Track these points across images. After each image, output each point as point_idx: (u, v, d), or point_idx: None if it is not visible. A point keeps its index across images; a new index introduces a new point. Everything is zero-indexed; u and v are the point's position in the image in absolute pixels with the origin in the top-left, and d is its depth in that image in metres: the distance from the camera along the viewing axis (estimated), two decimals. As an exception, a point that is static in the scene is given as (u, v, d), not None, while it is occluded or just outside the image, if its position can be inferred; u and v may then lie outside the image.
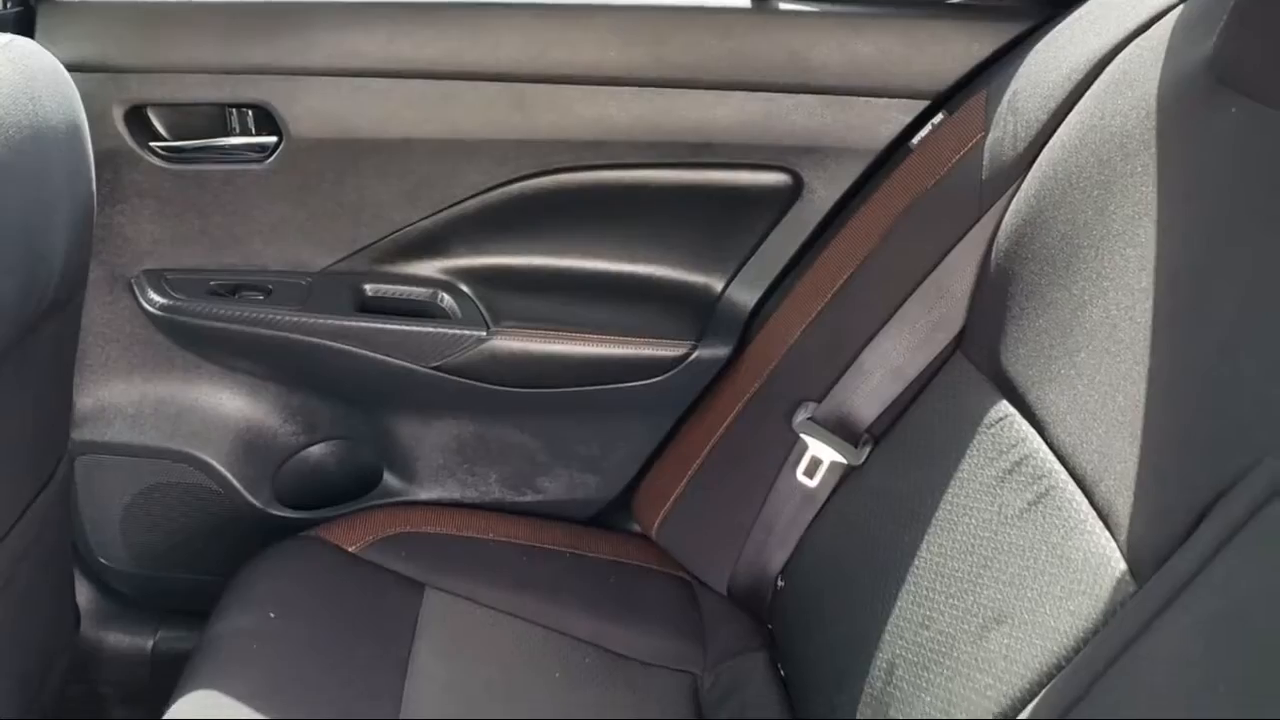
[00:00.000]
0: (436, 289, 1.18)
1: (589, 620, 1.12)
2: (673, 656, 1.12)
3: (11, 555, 0.97)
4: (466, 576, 1.12)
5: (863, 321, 1.05)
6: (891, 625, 0.90)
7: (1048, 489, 0.81)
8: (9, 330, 0.84)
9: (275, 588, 1.03)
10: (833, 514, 1.06)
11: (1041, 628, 0.75)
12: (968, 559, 0.86)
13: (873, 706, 0.87)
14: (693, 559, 1.20)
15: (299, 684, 0.93)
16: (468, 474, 1.26)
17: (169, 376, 1.20)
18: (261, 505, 1.23)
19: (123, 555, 1.27)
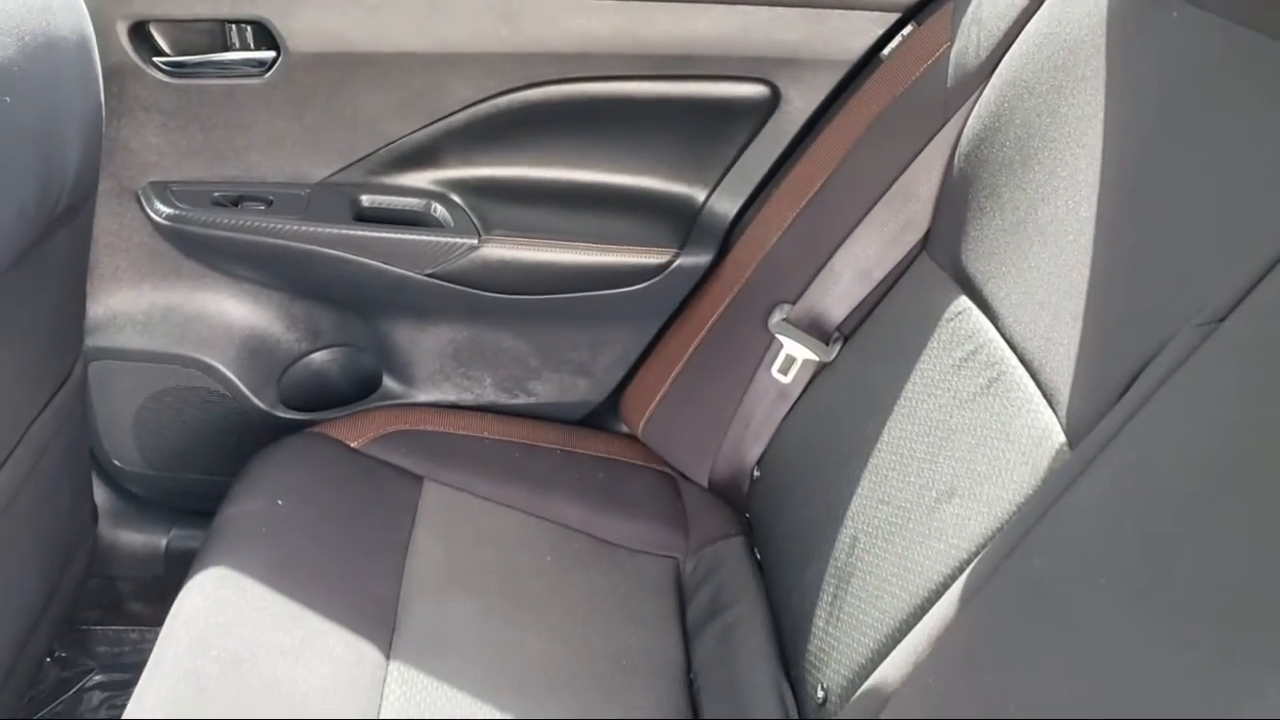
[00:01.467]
0: (429, 199, 1.23)
1: (579, 511, 1.19)
2: (657, 543, 1.20)
3: (34, 448, 1.04)
4: (463, 470, 1.19)
5: (835, 226, 1.11)
6: (855, 504, 0.97)
7: (999, 374, 0.88)
8: (28, 231, 0.90)
9: (283, 477, 1.10)
10: (805, 408, 1.13)
11: (988, 498, 0.82)
12: (924, 441, 0.92)
13: (837, 577, 0.95)
14: (676, 454, 1.27)
15: (307, 562, 1.00)
16: (463, 378, 1.32)
17: (176, 285, 1.26)
18: (267, 408, 1.30)
19: (136, 457, 1.34)
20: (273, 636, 0.92)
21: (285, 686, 0.88)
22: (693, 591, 1.15)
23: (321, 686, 0.89)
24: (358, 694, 0.90)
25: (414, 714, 0.90)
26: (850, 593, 0.92)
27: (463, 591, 1.05)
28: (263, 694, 0.87)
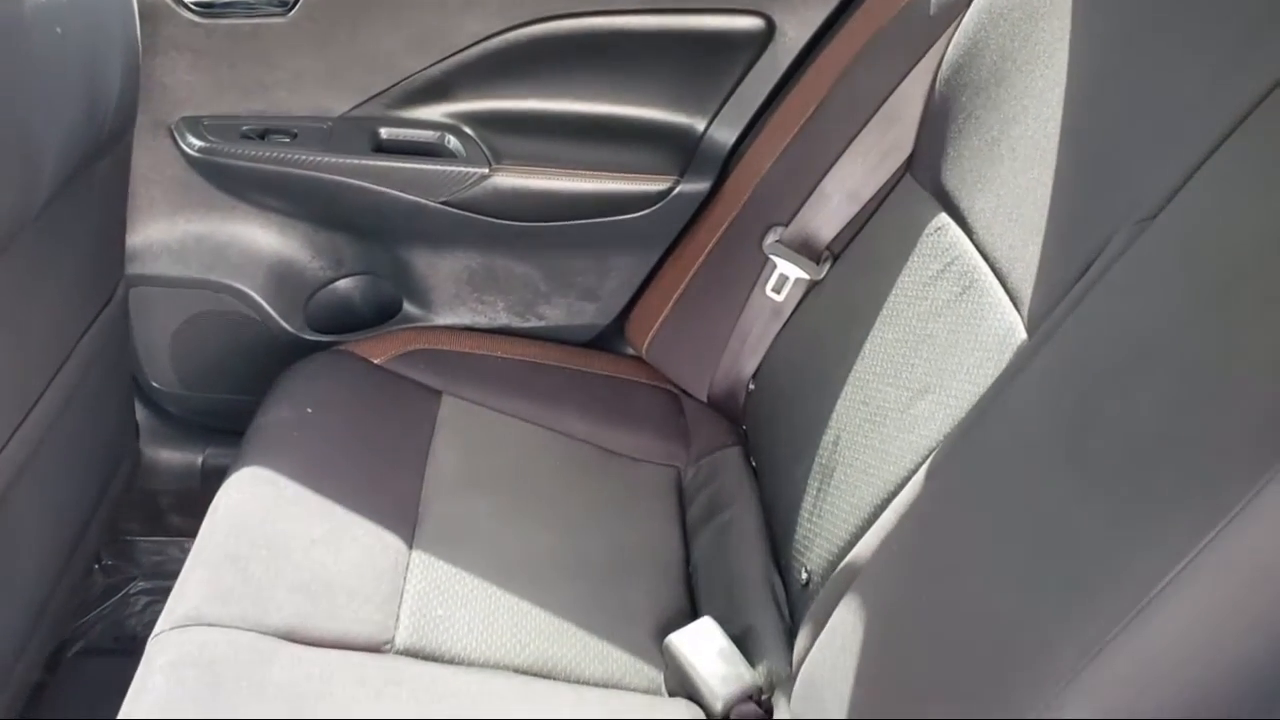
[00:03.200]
0: (443, 131, 1.30)
1: (586, 424, 1.28)
2: (659, 453, 1.28)
3: (81, 363, 1.13)
4: (478, 386, 1.27)
5: (825, 150, 1.17)
6: (839, 407, 1.04)
7: (971, 282, 0.95)
8: (75, 154, 0.98)
9: (312, 389, 1.19)
10: (797, 324, 1.20)
11: (956, 393, 0.89)
12: (902, 346, 1.00)
13: (821, 473, 1.03)
14: (678, 372, 1.35)
15: (335, 463, 1.09)
16: (478, 302, 1.40)
17: (208, 215, 1.34)
18: (295, 331, 1.38)
19: (173, 379, 1.43)
20: (305, 527, 1.01)
21: (317, 569, 0.97)
22: (692, 496, 1.24)
23: (350, 570, 0.98)
24: (383, 578, 0.99)
25: (434, 596, 0.99)
26: (832, 486, 1.00)
27: (478, 492, 1.13)
28: (296, 575, 0.96)
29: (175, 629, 0.89)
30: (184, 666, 0.85)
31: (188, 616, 0.90)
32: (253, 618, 0.91)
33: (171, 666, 0.85)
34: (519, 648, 0.97)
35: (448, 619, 0.97)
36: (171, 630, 0.89)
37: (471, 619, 0.98)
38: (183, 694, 0.83)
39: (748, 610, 1.04)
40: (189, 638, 0.88)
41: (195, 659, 0.86)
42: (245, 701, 0.83)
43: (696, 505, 1.22)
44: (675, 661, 0.98)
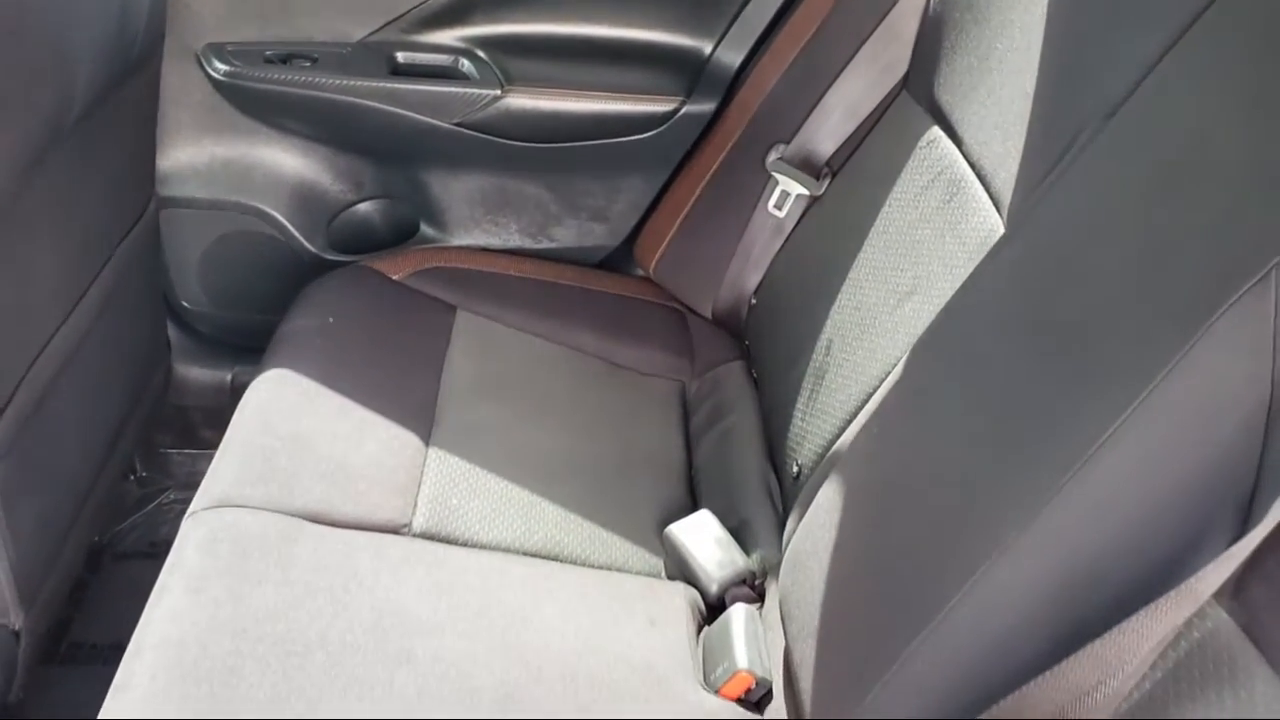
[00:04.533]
0: (457, 55, 1.35)
1: (595, 339, 1.33)
2: (665, 368, 1.33)
3: (117, 272, 1.19)
4: (492, 303, 1.33)
5: (826, 68, 1.21)
6: (833, 314, 1.09)
7: (958, 189, 0.99)
8: (107, 70, 1.03)
9: (333, 301, 1.25)
10: (797, 239, 1.25)
11: (939, 293, 0.94)
12: (893, 252, 1.04)
13: (814, 376, 1.08)
14: (684, 290, 1.40)
15: (355, 368, 1.15)
16: (491, 224, 1.45)
17: (234, 139, 1.39)
18: (317, 251, 1.44)
19: (202, 298, 1.49)
20: (328, 423, 1.07)
21: (339, 460, 1.03)
22: (695, 407, 1.29)
23: (370, 462, 1.04)
24: (401, 470, 1.05)
25: (449, 487, 1.05)
26: (824, 387, 1.05)
27: (492, 398, 1.19)
28: (319, 465, 1.02)
29: (208, 509, 0.96)
30: (216, 542, 0.92)
31: (220, 498, 0.97)
32: (279, 500, 0.97)
33: (205, 542, 0.92)
34: (527, 534, 1.03)
35: (462, 508, 1.04)
36: (205, 510, 0.96)
37: (484, 508, 1.04)
38: (214, 565, 0.89)
39: (744, 505, 1.10)
40: (221, 517, 0.95)
41: (226, 535, 0.92)
42: (272, 573, 0.90)
43: (699, 415, 1.27)
44: (674, 549, 1.04)
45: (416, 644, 0.87)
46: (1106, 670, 0.57)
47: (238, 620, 0.85)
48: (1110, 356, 0.64)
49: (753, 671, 0.91)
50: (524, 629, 0.91)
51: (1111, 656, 0.57)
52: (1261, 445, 0.56)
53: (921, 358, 0.85)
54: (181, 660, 0.81)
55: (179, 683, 0.80)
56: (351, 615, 0.88)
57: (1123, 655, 0.56)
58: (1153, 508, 0.59)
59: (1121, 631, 0.56)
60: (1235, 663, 0.54)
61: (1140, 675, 0.57)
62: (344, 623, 0.87)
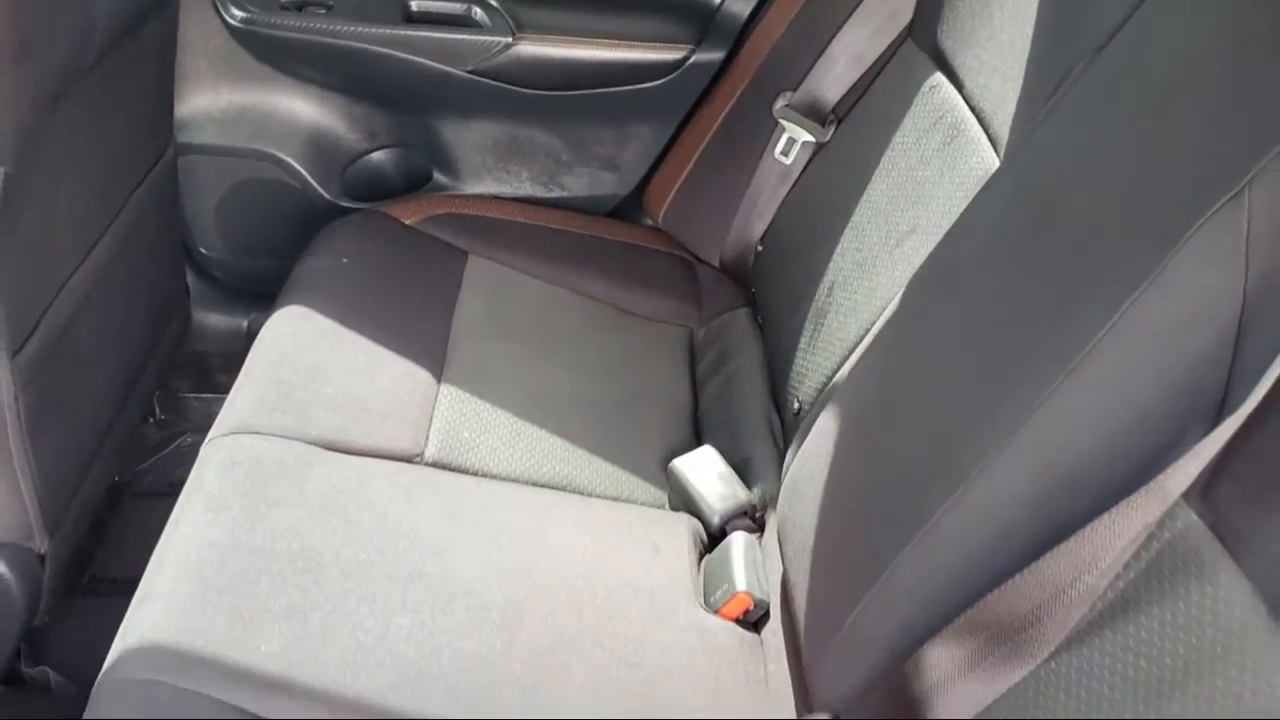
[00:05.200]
0: (469, 3, 1.37)
1: (604, 286, 1.36)
2: (673, 314, 1.36)
3: (137, 211, 1.22)
4: (503, 248, 1.35)
5: (833, 15, 1.23)
6: (835, 257, 1.11)
7: (958, 131, 1.01)
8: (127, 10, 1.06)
9: (347, 244, 1.28)
10: (803, 185, 1.27)
11: (939, 231, 0.96)
12: (894, 194, 1.07)
13: (816, 316, 1.10)
14: (692, 238, 1.42)
15: (369, 307, 1.18)
16: (503, 171, 1.48)
17: (250, 86, 1.42)
18: (332, 198, 1.47)
19: (219, 245, 1.52)
20: (343, 358, 1.10)
21: (353, 393, 1.06)
22: (702, 353, 1.32)
23: (384, 396, 1.07)
24: (414, 404, 1.08)
25: (461, 421, 1.08)
26: (825, 325, 1.07)
27: (502, 339, 1.22)
28: (334, 397, 1.05)
29: (226, 436, 0.99)
30: (233, 466, 0.95)
31: (237, 426, 1.00)
32: (295, 429, 1.00)
33: (223, 466, 0.95)
34: (536, 466, 1.06)
35: (473, 440, 1.07)
36: (223, 437, 0.99)
37: (494, 441, 1.07)
38: (232, 487, 0.93)
39: (746, 443, 1.13)
40: (238, 443, 0.98)
41: (243, 459, 0.96)
42: (288, 495, 0.93)
43: (705, 360, 1.30)
44: (678, 482, 1.07)
45: (428, 563, 0.91)
46: (1081, 566, 0.60)
47: (255, 538, 0.88)
48: (1091, 276, 0.66)
49: (751, 593, 0.94)
50: (532, 552, 0.95)
51: (1086, 553, 0.59)
52: (1233, 353, 0.58)
53: (917, 289, 0.87)
54: (202, 574, 0.85)
55: (199, 594, 0.83)
56: (365, 536, 0.91)
57: (1096, 552, 0.59)
58: (1128, 418, 0.62)
59: (1095, 529, 0.59)
60: (1202, 559, 0.56)
61: (1114, 574, 0.60)
62: (357, 542, 0.90)
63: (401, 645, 0.83)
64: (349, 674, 0.80)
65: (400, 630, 0.84)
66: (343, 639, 0.83)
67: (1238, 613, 0.54)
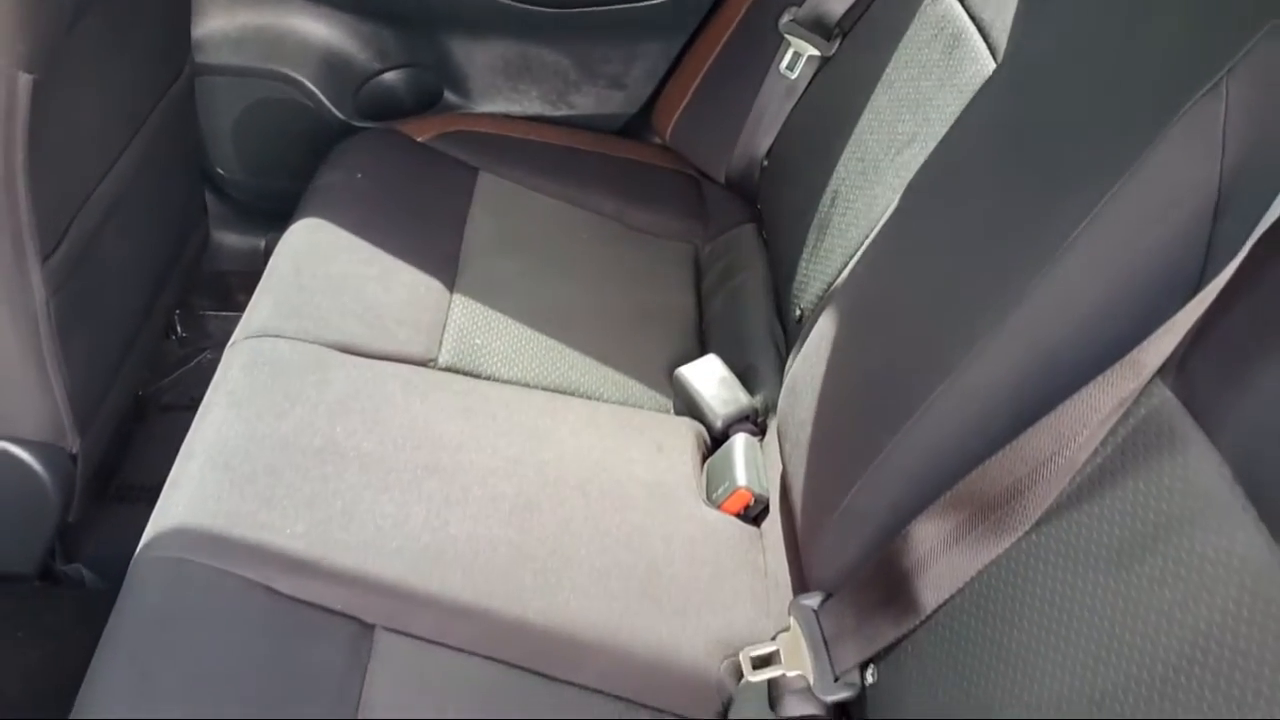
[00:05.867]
0: (480, -79, 1.39)
1: (612, 203, 1.38)
2: (679, 231, 1.39)
3: (157, 127, 1.25)
4: (512, 165, 1.38)
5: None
6: (838, 168, 1.14)
7: (959, 41, 1.03)
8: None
9: (361, 160, 1.30)
10: (808, 99, 1.29)
11: (938, 138, 0.98)
12: (895, 105, 1.09)
13: (819, 226, 1.13)
14: (699, 155, 1.44)
15: (383, 220, 1.21)
16: (512, 90, 1.50)
17: (265, 7, 1.43)
18: (345, 118, 1.49)
19: (236, 165, 1.55)
20: (359, 268, 1.14)
21: (369, 301, 1.10)
22: (707, 268, 1.35)
23: (399, 304, 1.11)
24: (427, 312, 1.12)
25: (473, 329, 1.12)
26: (828, 234, 1.10)
27: (512, 253, 1.25)
28: (352, 304, 1.09)
29: (249, 339, 1.03)
30: (257, 366, 0.99)
31: (259, 329, 1.04)
32: (314, 333, 1.04)
33: (247, 366, 0.99)
34: (545, 372, 1.10)
35: (485, 347, 1.11)
36: (246, 340, 1.03)
37: (505, 348, 1.11)
38: (256, 385, 0.97)
39: (750, 352, 1.17)
40: (260, 345, 1.02)
41: (266, 360, 1.00)
42: (309, 393, 0.97)
43: (711, 275, 1.33)
44: (682, 388, 1.11)
45: (443, 457, 0.95)
46: (1060, 441, 0.63)
47: (278, 432, 0.93)
48: (1076, 169, 0.69)
49: (751, 488, 0.98)
50: (541, 448, 0.99)
51: (1065, 428, 0.63)
52: (1208, 237, 0.61)
53: (914, 192, 0.90)
54: (229, 464, 0.89)
55: (227, 482, 0.88)
56: (383, 432, 0.95)
57: (1075, 426, 0.62)
58: (1109, 301, 0.65)
59: (1073, 403, 0.62)
60: (1175, 432, 0.60)
61: (1092, 449, 0.63)
62: (376, 438, 0.95)
63: (419, 530, 0.88)
64: (370, 556, 0.85)
65: (417, 517, 0.89)
66: (363, 524, 0.87)
67: (1205, 480, 0.57)
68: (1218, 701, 0.52)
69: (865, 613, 0.76)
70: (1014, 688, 0.63)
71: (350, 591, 0.83)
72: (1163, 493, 0.59)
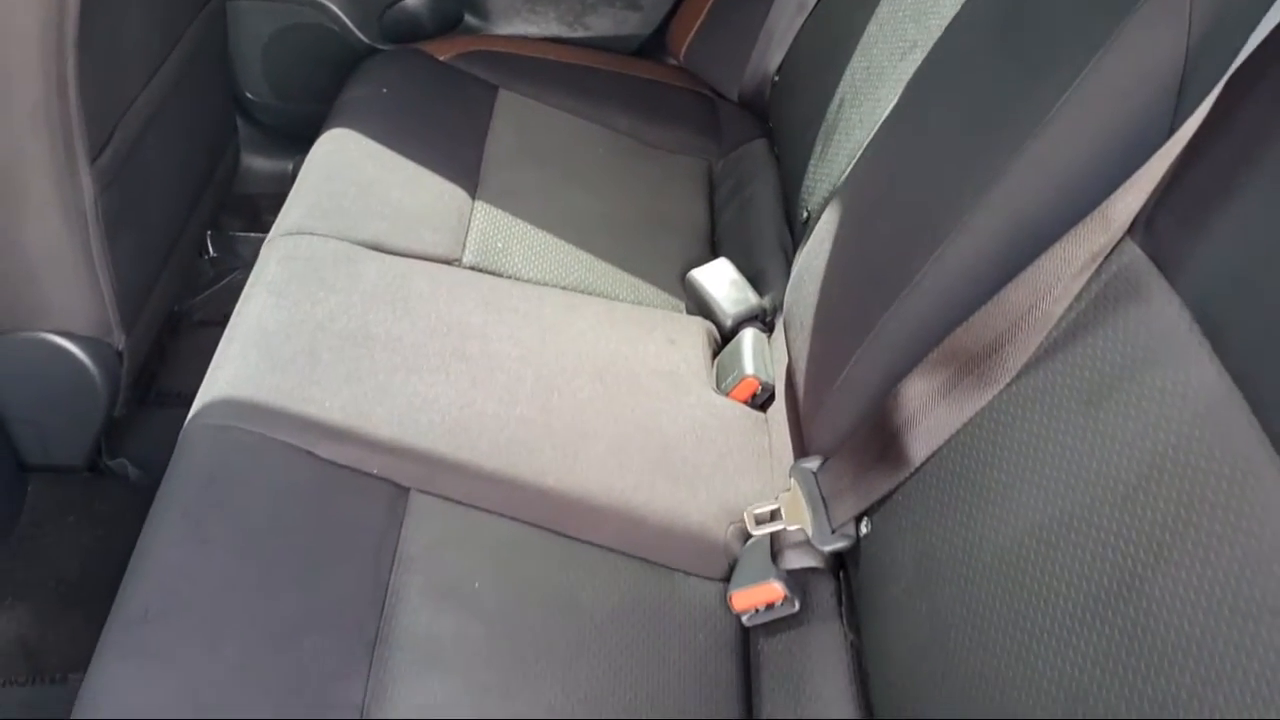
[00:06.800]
0: None
1: (628, 119, 1.43)
2: (693, 147, 1.44)
3: (189, 50, 1.31)
4: (531, 83, 1.43)
5: None
6: (845, 76, 1.18)
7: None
8: None
9: (385, 76, 1.36)
10: (817, 14, 1.34)
11: (937, 40, 1.03)
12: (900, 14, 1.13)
13: (826, 131, 1.18)
14: (712, 72, 1.49)
15: (407, 131, 1.26)
16: (530, 13, 1.54)
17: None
18: (370, 41, 1.55)
19: (264, 89, 1.61)
20: (386, 175, 1.19)
21: (396, 204, 1.16)
22: (720, 182, 1.40)
23: (424, 208, 1.17)
24: (451, 216, 1.17)
25: (494, 233, 1.17)
26: (834, 138, 1.15)
27: (531, 165, 1.30)
28: (380, 207, 1.15)
29: (284, 236, 1.09)
30: (292, 259, 1.05)
31: (294, 227, 1.10)
32: (345, 231, 1.10)
33: (283, 260, 1.06)
34: (564, 274, 1.16)
35: (506, 250, 1.16)
36: (281, 237, 1.09)
37: (525, 251, 1.17)
38: (292, 276, 1.03)
39: (760, 257, 1.22)
40: (296, 241, 1.08)
41: (301, 254, 1.06)
42: (342, 284, 1.03)
43: (723, 189, 1.38)
44: (694, 290, 1.17)
45: (469, 344, 1.01)
46: (1037, 294, 0.69)
47: (314, 319, 0.99)
48: (1054, 50, 0.74)
49: (758, 376, 1.04)
50: (560, 339, 1.05)
51: (1040, 281, 0.68)
52: (1175, 105, 0.66)
53: (911, 89, 0.95)
54: (269, 345, 0.96)
55: (268, 360, 0.94)
56: (412, 320, 1.02)
57: (1050, 280, 0.68)
58: (1085, 170, 0.70)
59: (1048, 257, 0.68)
60: (1141, 284, 0.65)
61: (1067, 304, 0.69)
62: (406, 325, 1.01)
63: (448, 407, 0.94)
64: (403, 428, 0.92)
65: (446, 396, 0.95)
66: (396, 401, 0.94)
67: (1166, 323, 0.63)
68: (1170, 510, 0.58)
69: (861, 470, 0.82)
70: (994, 522, 0.69)
71: (386, 458, 0.90)
72: (1128, 338, 0.65)
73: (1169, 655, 0.54)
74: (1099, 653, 0.58)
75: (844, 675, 0.82)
